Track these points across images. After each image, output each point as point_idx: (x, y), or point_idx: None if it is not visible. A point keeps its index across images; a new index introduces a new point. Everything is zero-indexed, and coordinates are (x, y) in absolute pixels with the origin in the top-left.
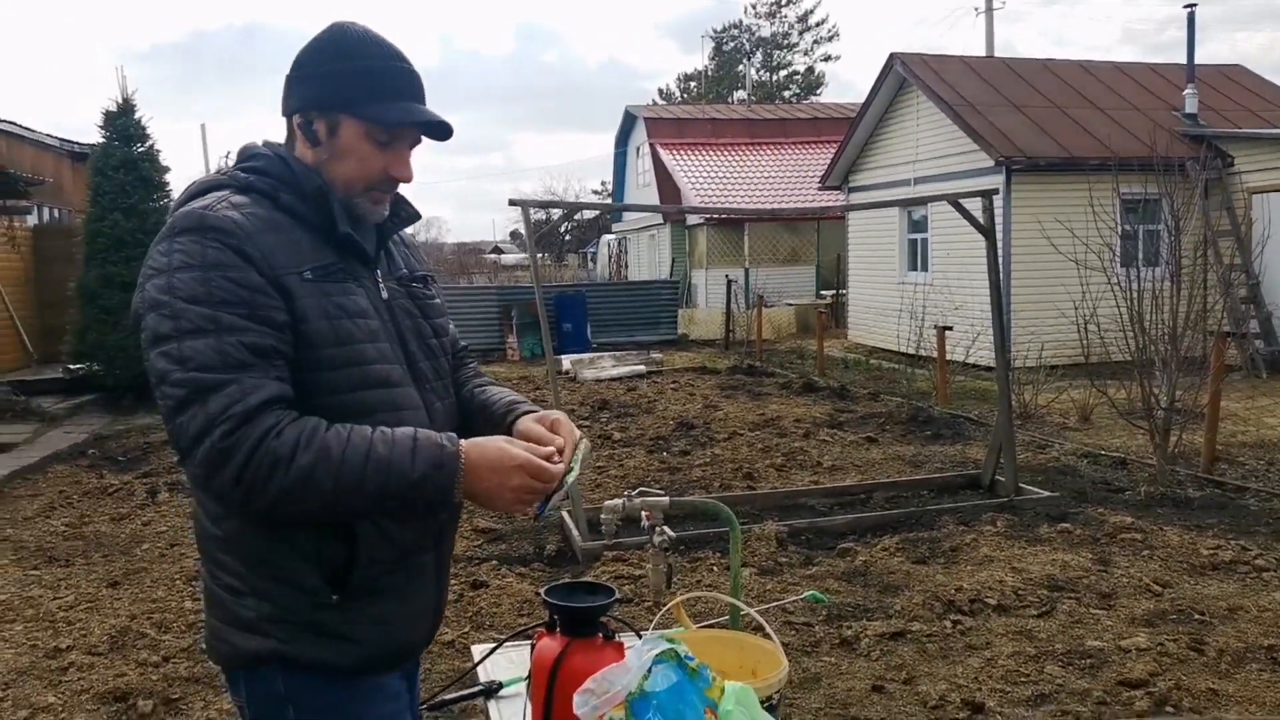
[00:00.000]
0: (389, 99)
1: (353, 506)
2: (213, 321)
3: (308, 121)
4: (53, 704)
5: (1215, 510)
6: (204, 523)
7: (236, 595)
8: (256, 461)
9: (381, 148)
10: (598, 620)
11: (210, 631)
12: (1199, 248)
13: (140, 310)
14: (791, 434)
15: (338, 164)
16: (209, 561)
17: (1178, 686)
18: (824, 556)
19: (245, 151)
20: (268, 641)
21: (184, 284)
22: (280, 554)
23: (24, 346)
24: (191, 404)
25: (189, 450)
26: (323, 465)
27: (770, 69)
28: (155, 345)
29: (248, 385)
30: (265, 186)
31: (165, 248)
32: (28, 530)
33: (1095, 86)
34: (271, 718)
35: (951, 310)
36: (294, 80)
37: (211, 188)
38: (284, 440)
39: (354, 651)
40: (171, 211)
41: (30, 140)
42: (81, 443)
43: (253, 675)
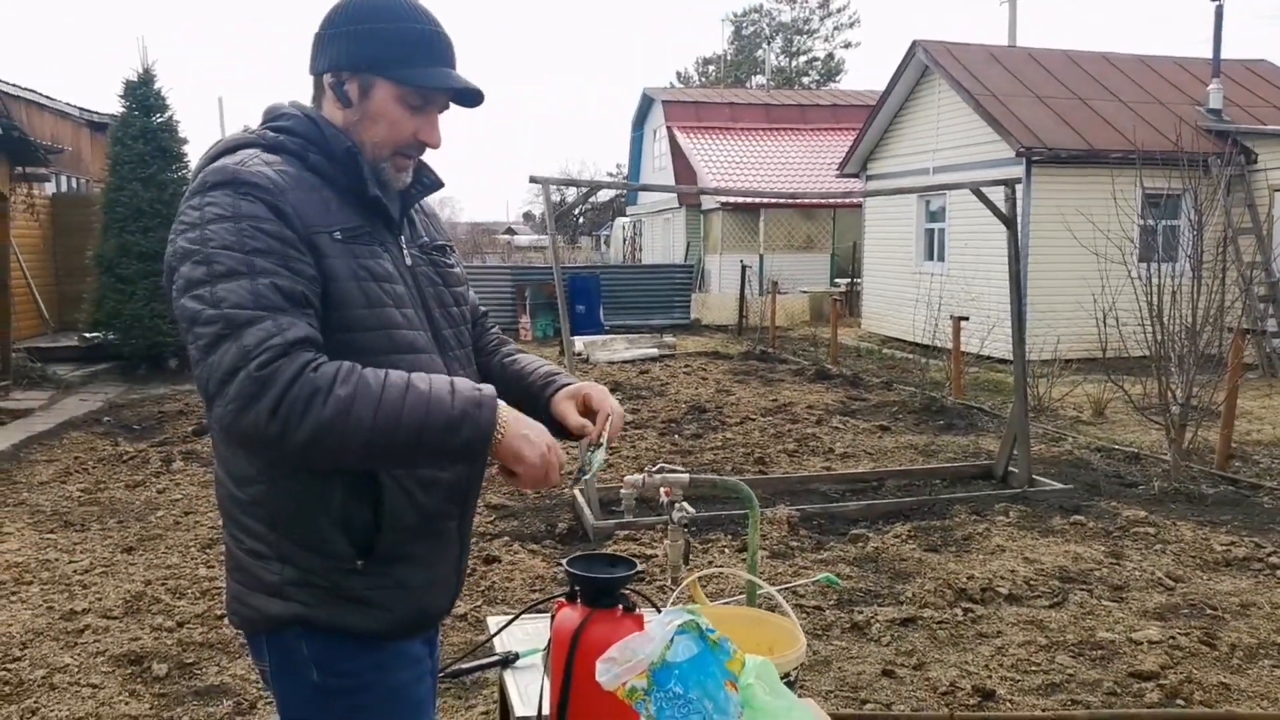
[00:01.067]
0: (424, 63)
1: (390, 446)
2: (246, 265)
3: (339, 81)
4: (69, 665)
5: (1229, 507)
6: (229, 487)
7: (261, 559)
8: (294, 393)
9: (413, 112)
10: (618, 592)
11: (233, 596)
12: (1220, 244)
13: (172, 263)
14: (804, 420)
15: (369, 126)
16: (232, 526)
17: (1189, 680)
18: (836, 542)
19: (272, 111)
20: (291, 606)
21: (217, 233)
22: (307, 518)
23: (41, 314)
24: (224, 339)
25: (221, 385)
26: (362, 399)
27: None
28: (187, 290)
29: (283, 322)
30: (295, 146)
31: (197, 202)
32: (43, 495)
33: (1119, 79)
34: (296, 681)
35: (967, 301)
36: (325, 38)
37: (240, 145)
38: (322, 373)
39: (378, 617)
40: (198, 169)
41: (50, 109)
42: (97, 410)
43: (277, 639)
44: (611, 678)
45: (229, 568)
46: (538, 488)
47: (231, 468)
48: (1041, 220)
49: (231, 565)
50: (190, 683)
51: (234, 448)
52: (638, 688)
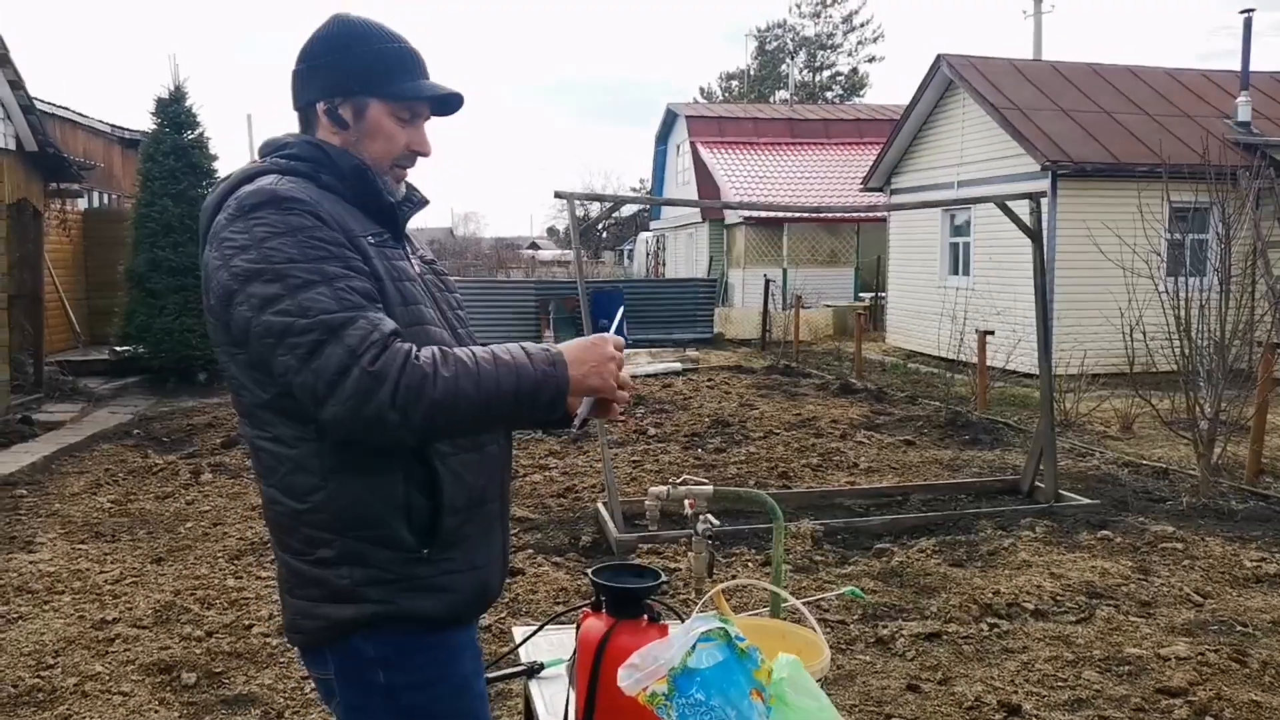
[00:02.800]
0: (407, 78)
1: (492, 412)
2: (318, 273)
3: (333, 107)
4: (100, 673)
5: (1259, 523)
6: (286, 502)
7: (329, 566)
8: (407, 380)
9: (403, 125)
10: (644, 602)
11: (296, 613)
12: (1249, 258)
13: (230, 287)
14: (828, 434)
15: (367, 144)
16: (294, 541)
17: (1218, 697)
18: (860, 556)
19: (273, 143)
20: (365, 606)
21: (277, 249)
22: (372, 513)
23: (72, 328)
24: (325, 344)
25: (333, 386)
26: (465, 375)
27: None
28: (265, 309)
29: (374, 318)
30: (305, 169)
31: (241, 226)
32: (75, 506)
33: (1145, 92)
34: (364, 684)
35: (992, 315)
36: (308, 72)
37: (256, 174)
38: (424, 358)
39: (449, 599)
40: (219, 200)
41: (83, 126)
42: (127, 423)
43: (343, 647)
44: (632, 683)
45: (289, 587)
46: (615, 397)
47: (288, 482)
48: (1067, 234)
49: (294, 583)
50: (219, 691)
51: (293, 448)
52: (658, 693)
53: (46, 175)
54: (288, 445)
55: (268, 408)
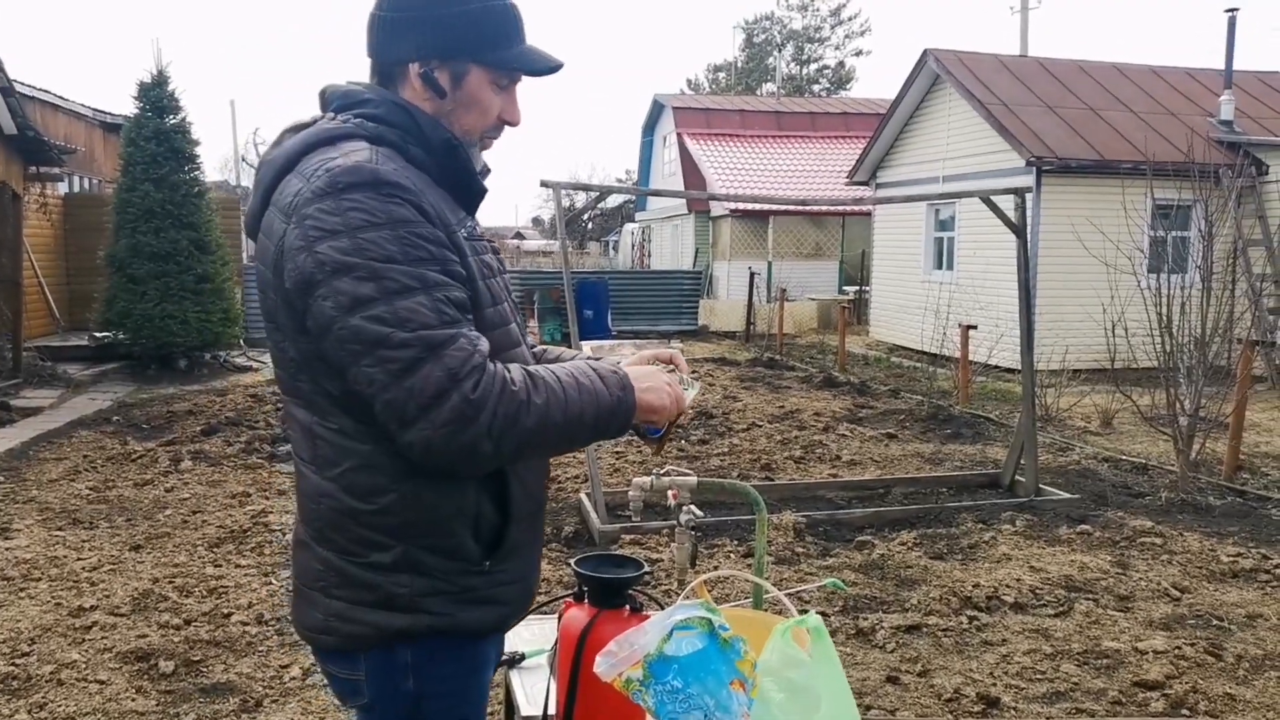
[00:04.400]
0: (513, 42)
1: (573, 438)
2: (419, 280)
3: (429, 71)
4: (76, 661)
5: (1236, 518)
6: (346, 500)
7: (385, 572)
8: (505, 409)
9: (499, 92)
10: (626, 592)
11: (331, 614)
12: (1230, 256)
13: (313, 275)
14: (811, 427)
15: (462, 114)
16: (345, 539)
17: (1194, 690)
18: (841, 548)
19: (350, 96)
20: (421, 618)
21: (374, 243)
22: (442, 522)
23: (52, 313)
24: (424, 362)
25: (426, 410)
26: (554, 402)
27: (801, 62)
28: (355, 310)
29: (471, 336)
30: (395, 138)
31: (332, 205)
32: (53, 492)
33: (1130, 89)
34: (392, 689)
35: (976, 310)
36: (401, 23)
37: (340, 136)
38: (519, 384)
39: (499, 612)
40: (280, 163)
41: (64, 109)
42: (106, 409)
43: (381, 652)
44: (608, 668)
45: (326, 586)
46: (673, 421)
47: (352, 479)
48: (1051, 230)
49: (334, 582)
50: (197, 680)
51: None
52: (633, 679)
53: (26, 158)
54: (356, 440)
55: (334, 400)
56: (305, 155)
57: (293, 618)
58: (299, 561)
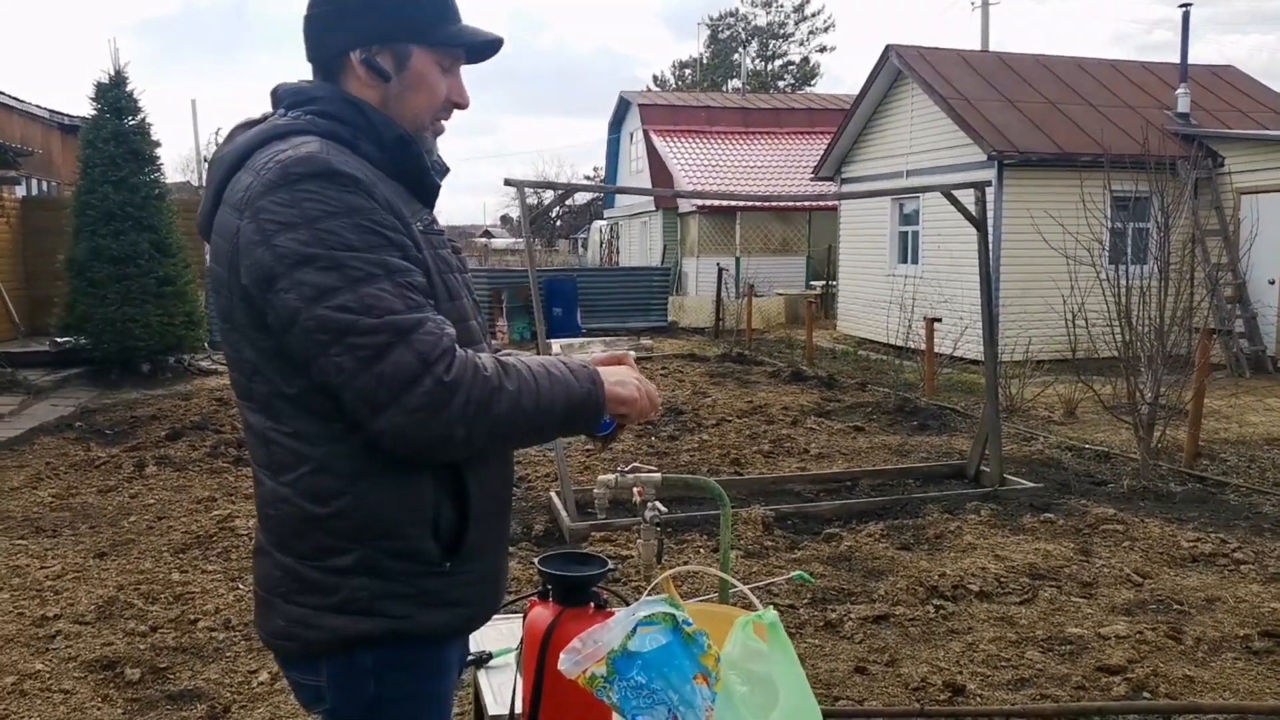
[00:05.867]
0: (451, 20)
1: (542, 428)
2: (381, 266)
3: (370, 57)
4: (40, 671)
5: (1196, 504)
6: (303, 505)
7: (344, 576)
8: (477, 394)
9: (443, 73)
10: (590, 590)
11: (291, 620)
12: (1187, 246)
13: (272, 269)
14: (779, 421)
15: (410, 98)
16: (304, 545)
17: (1155, 673)
18: (810, 541)
19: (302, 93)
20: (382, 621)
21: (333, 232)
22: (399, 523)
23: (11, 318)
24: (394, 347)
25: (396, 395)
26: (525, 390)
27: (765, 58)
28: (320, 300)
29: (439, 320)
30: (347, 135)
31: (286, 198)
32: (14, 501)
33: (1089, 83)
34: (354, 694)
35: (940, 303)
36: (334, 16)
37: (291, 131)
38: (490, 370)
39: (463, 614)
40: (228, 160)
41: (19, 111)
42: (68, 415)
43: (342, 657)
44: (572, 665)
45: (286, 592)
46: (645, 417)
47: (308, 483)
48: (1012, 223)
49: (294, 588)
50: (164, 687)
51: (335, 453)
52: (597, 675)
53: None
54: (310, 443)
55: (290, 401)
56: (254, 149)
57: (256, 625)
58: (260, 568)
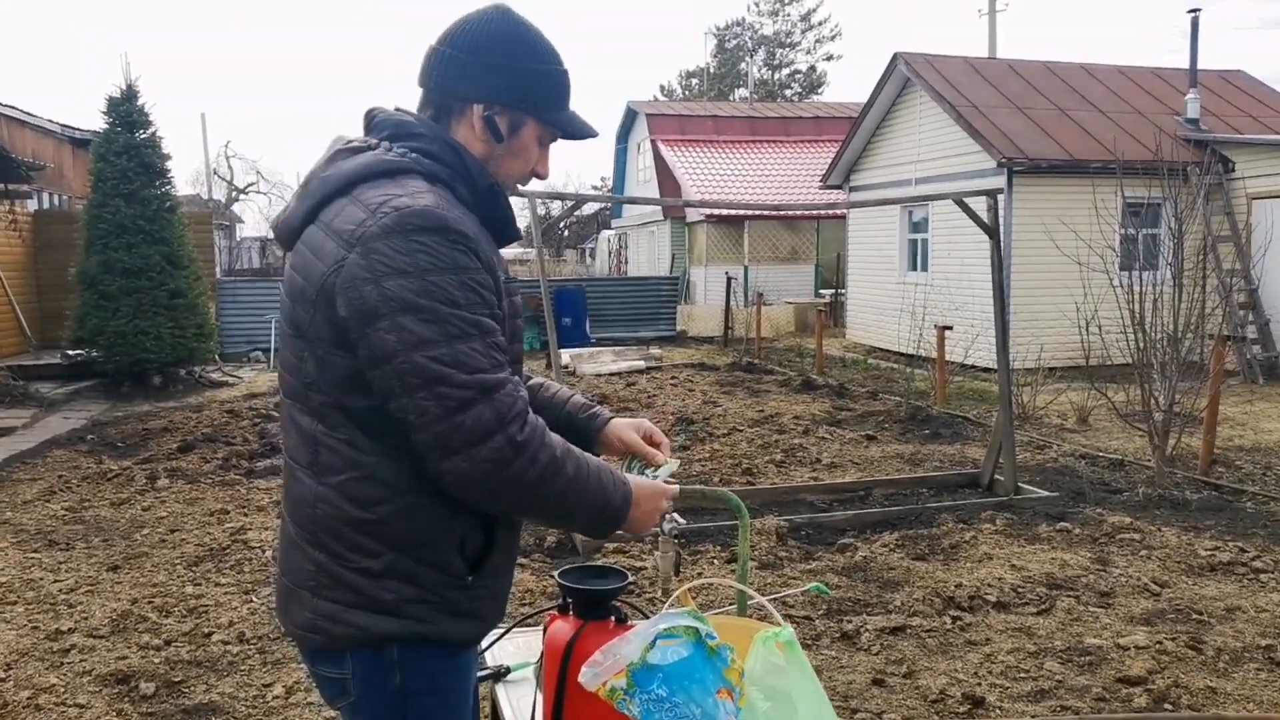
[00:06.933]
0: (564, 105)
1: (575, 515)
2: (476, 326)
3: (492, 116)
4: (54, 685)
5: (1213, 512)
6: (344, 508)
7: (374, 578)
8: (545, 459)
9: (542, 148)
10: (610, 603)
11: (319, 614)
12: (1200, 252)
13: (377, 308)
14: (790, 431)
15: (509, 161)
16: (338, 545)
17: (1176, 684)
18: (824, 551)
19: (404, 127)
20: (405, 623)
21: (440, 286)
22: (432, 538)
23: (23, 331)
24: (477, 403)
25: (473, 445)
26: (578, 477)
27: (772, 67)
28: (419, 349)
29: (516, 382)
30: (446, 177)
31: (401, 245)
32: (27, 514)
33: (1097, 89)
34: (378, 687)
35: (951, 310)
36: (474, 66)
37: (398, 171)
38: (554, 442)
39: (477, 625)
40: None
41: (31, 125)
42: (80, 428)
43: (368, 652)
44: (592, 678)
45: (316, 587)
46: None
47: (352, 488)
48: (1023, 230)
49: (325, 583)
50: (178, 701)
51: (365, 475)
52: (617, 688)
53: None
54: (362, 452)
55: (348, 414)
56: (363, 183)
57: (280, 615)
58: (289, 560)
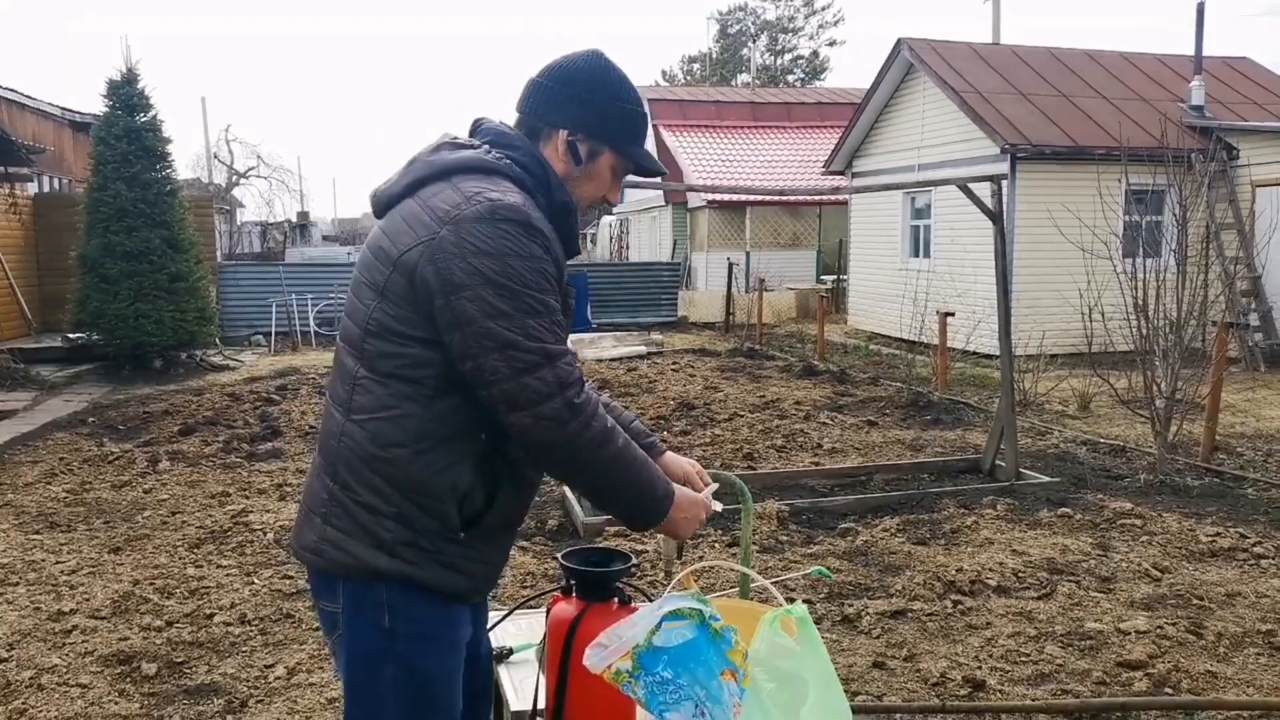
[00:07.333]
0: (640, 142)
1: (615, 491)
2: (543, 305)
3: (575, 142)
4: (57, 665)
5: (1214, 499)
6: (364, 444)
7: (376, 515)
8: (599, 424)
9: (615, 178)
10: (614, 585)
11: (323, 538)
12: (1203, 239)
13: (459, 279)
14: (791, 416)
15: (584, 184)
16: (350, 477)
17: (1176, 669)
18: (825, 536)
19: (504, 138)
20: (395, 562)
21: (518, 270)
22: (436, 489)
23: (24, 315)
24: (541, 367)
25: (536, 403)
26: (625, 455)
27: (775, 52)
28: (494, 318)
29: (572, 357)
30: (530, 185)
31: (489, 231)
32: (29, 496)
33: (1102, 76)
34: (367, 623)
35: (953, 297)
36: (565, 97)
37: (492, 170)
38: (606, 417)
39: (462, 582)
40: (434, 170)
41: (31, 109)
42: (81, 411)
43: (359, 585)
44: (597, 660)
45: (326, 514)
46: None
47: (378, 427)
48: (1027, 216)
49: (332, 511)
50: (180, 682)
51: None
52: (622, 670)
53: None
54: (395, 397)
55: (394, 362)
56: (462, 173)
57: (293, 537)
58: (310, 488)
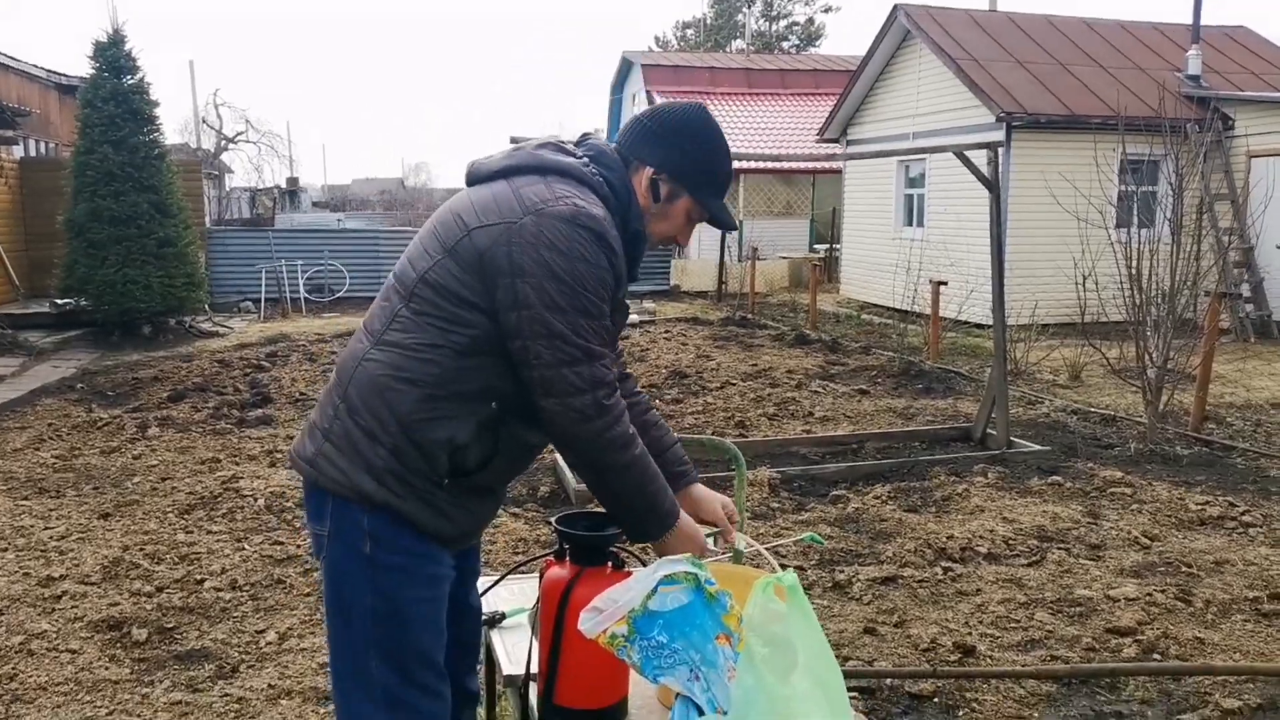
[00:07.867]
0: (720, 195)
1: (621, 497)
2: (597, 309)
3: (657, 180)
4: (46, 631)
5: (1203, 468)
6: (386, 372)
7: (373, 441)
8: (620, 429)
9: (688, 222)
10: (608, 549)
11: (320, 453)
12: (1198, 210)
13: (527, 265)
14: (783, 385)
15: (658, 221)
16: (360, 401)
17: (1165, 635)
18: (816, 503)
19: (604, 157)
20: (381, 490)
21: (583, 273)
22: (433, 435)
23: (11, 280)
24: (583, 362)
25: (569, 394)
26: (639, 464)
27: (770, 19)
28: (549, 308)
29: (610, 361)
30: (614, 206)
31: (567, 232)
32: (17, 462)
33: (1098, 44)
34: (349, 548)
35: (946, 266)
36: (659, 140)
37: (585, 182)
38: (628, 425)
39: (444, 526)
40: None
41: (16, 70)
42: (70, 377)
43: (344, 509)
44: (592, 625)
45: (326, 428)
46: None
47: (403, 359)
48: (1021, 185)
49: (334, 428)
50: (170, 647)
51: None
52: (618, 634)
53: None
54: (424, 340)
55: (438, 314)
56: (558, 175)
57: (295, 448)
58: (321, 404)
